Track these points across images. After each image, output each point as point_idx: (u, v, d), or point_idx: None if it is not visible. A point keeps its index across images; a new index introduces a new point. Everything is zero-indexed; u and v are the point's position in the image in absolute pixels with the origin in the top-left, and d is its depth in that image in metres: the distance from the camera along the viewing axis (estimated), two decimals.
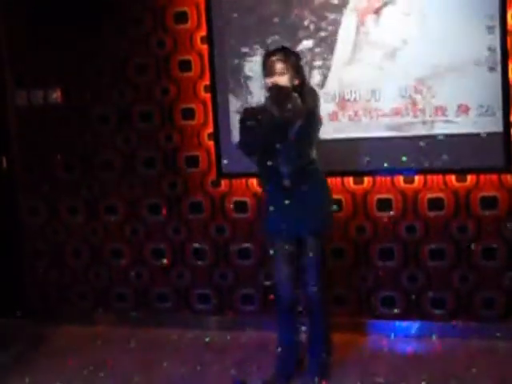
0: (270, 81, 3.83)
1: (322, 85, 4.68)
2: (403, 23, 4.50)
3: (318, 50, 4.71)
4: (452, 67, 4.42)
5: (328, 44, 4.68)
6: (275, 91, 3.79)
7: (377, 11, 4.52)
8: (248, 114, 3.86)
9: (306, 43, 4.71)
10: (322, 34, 4.69)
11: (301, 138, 3.81)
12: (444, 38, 4.42)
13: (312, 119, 3.87)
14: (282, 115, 3.73)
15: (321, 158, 4.01)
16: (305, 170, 3.89)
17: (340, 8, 4.61)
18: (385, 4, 4.51)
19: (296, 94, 3.83)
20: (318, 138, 3.97)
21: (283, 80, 3.80)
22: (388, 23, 4.53)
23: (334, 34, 4.66)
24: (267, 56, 3.90)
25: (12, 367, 4.64)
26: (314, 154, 3.93)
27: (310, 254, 3.94)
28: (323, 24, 4.67)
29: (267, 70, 3.85)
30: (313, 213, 3.92)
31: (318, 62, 4.71)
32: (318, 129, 3.96)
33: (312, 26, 4.70)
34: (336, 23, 4.65)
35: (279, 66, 3.80)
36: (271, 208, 3.98)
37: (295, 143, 3.80)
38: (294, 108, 3.75)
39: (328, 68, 4.68)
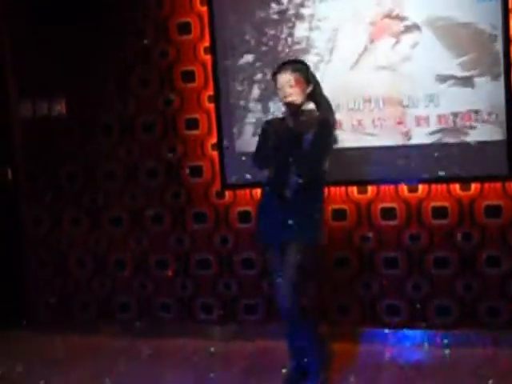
0: (282, 96, 3.87)
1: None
2: (409, 35, 4.54)
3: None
4: (455, 76, 4.45)
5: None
6: (289, 106, 3.86)
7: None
8: (267, 126, 3.95)
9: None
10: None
11: (314, 148, 3.82)
12: (447, 47, 4.45)
13: (325, 127, 3.88)
14: (296, 125, 3.79)
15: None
16: (310, 183, 3.87)
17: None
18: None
19: (312, 105, 3.89)
20: (331, 148, 3.95)
21: (294, 92, 3.83)
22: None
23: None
24: (276, 71, 3.94)
25: (15, 377, 4.62)
26: (326, 165, 3.92)
27: (287, 264, 3.88)
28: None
29: (277, 85, 3.89)
30: (299, 224, 3.86)
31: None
32: (332, 138, 3.96)
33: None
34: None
35: (289, 80, 3.83)
36: (263, 214, 4.01)
37: (308, 153, 3.81)
38: (308, 118, 3.82)
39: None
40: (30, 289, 5.52)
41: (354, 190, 4.74)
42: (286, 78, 3.84)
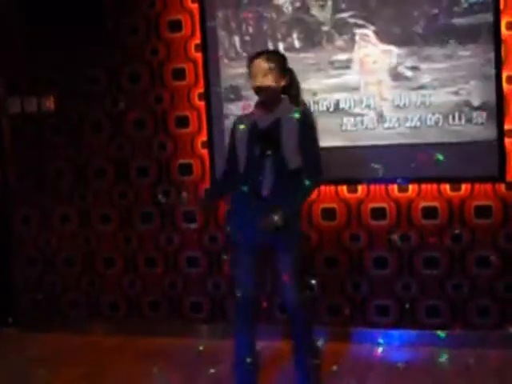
0: (254, 83, 3.78)
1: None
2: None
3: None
4: (446, 76, 4.44)
5: None
6: (261, 93, 3.77)
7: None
8: (234, 123, 3.90)
9: None
10: None
11: (289, 144, 3.72)
12: (438, 46, 4.44)
13: (306, 122, 3.77)
14: (270, 121, 3.75)
15: None
16: (285, 180, 3.74)
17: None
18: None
19: (285, 96, 3.82)
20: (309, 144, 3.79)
21: (267, 81, 3.73)
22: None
23: None
24: (251, 59, 3.84)
25: (3, 377, 4.60)
26: (300, 160, 3.75)
27: (285, 263, 3.78)
28: None
29: (251, 73, 3.80)
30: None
31: None
32: (313, 133, 3.81)
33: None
34: None
35: (262, 68, 3.73)
36: (239, 213, 3.85)
37: (283, 150, 3.72)
38: (283, 112, 3.76)
39: None
40: (18, 287, 5.49)
41: (343, 189, 4.73)
42: (261, 66, 3.74)
